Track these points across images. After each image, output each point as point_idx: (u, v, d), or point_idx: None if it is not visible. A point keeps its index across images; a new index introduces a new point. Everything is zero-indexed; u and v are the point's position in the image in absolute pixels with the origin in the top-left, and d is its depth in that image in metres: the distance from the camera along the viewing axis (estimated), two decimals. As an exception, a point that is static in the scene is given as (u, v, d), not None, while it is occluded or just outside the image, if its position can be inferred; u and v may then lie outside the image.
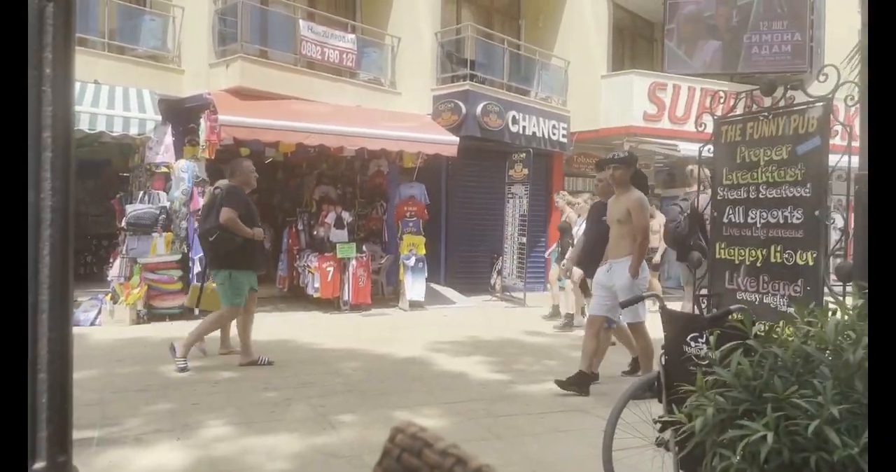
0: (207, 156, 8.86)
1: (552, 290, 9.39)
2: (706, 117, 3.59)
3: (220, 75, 9.58)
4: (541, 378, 5.46)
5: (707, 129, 3.58)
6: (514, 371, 5.81)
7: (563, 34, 13.74)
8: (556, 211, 10.31)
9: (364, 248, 10.22)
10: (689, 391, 2.00)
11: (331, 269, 9.42)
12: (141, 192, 8.91)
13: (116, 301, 8.04)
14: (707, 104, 12.43)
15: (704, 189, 5.13)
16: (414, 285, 10.01)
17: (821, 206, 2.92)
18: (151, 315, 8.25)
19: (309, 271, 9.72)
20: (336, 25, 10.98)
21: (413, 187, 10.42)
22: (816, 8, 13.14)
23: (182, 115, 9.45)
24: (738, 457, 1.68)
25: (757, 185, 3.21)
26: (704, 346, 2.42)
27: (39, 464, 1.07)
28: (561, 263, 8.35)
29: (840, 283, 2.82)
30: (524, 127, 11.96)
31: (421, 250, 10.12)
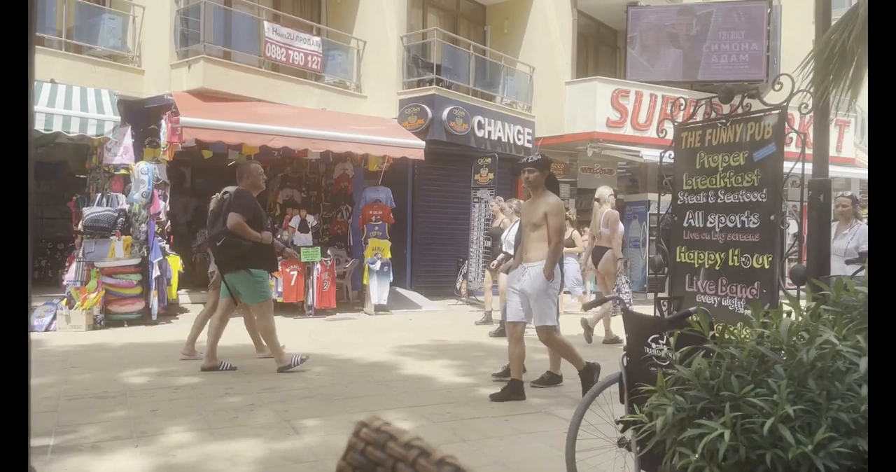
0: (168, 158, 8.71)
1: (486, 295, 9.34)
2: (667, 124, 3.66)
3: (182, 76, 9.43)
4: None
5: (668, 135, 3.65)
6: (479, 374, 5.82)
7: (528, 40, 13.88)
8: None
9: (329, 252, 10.16)
10: (650, 391, 2.04)
11: (294, 273, 9.33)
12: (99, 194, 8.72)
13: (72, 306, 7.84)
14: (668, 111, 12.68)
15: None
16: (379, 290, 9.97)
17: (776, 211, 3.00)
18: (109, 321, 8.07)
19: (272, 275, 9.61)
20: (301, 28, 10.91)
21: (379, 191, 10.38)
22: (773, 19, 13.55)
23: (142, 116, 9.28)
24: (697, 455, 1.72)
25: (716, 190, 3.28)
26: (665, 347, 2.46)
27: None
28: (490, 267, 8.38)
29: (794, 285, 2.91)
30: (490, 132, 12.05)
31: (386, 254, 10.09)
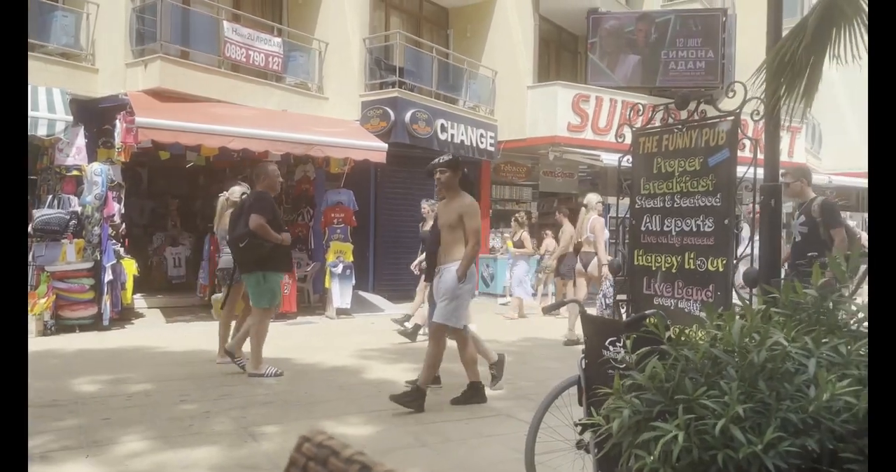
0: (123, 159, 8.50)
1: (417, 298, 9.10)
2: (625, 129, 3.71)
3: (138, 76, 9.21)
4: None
5: (626, 140, 3.71)
6: (441, 378, 5.80)
7: (491, 45, 13.96)
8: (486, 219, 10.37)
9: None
10: (607, 394, 2.05)
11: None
12: (50, 196, 8.45)
13: (21, 312, 7.57)
14: (627, 116, 12.87)
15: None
16: (341, 293, 9.89)
17: (730, 215, 3.07)
18: (60, 326, 7.82)
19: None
20: (262, 28, 10.77)
21: (341, 194, 10.29)
22: (728, 27, 13.89)
23: (96, 116, 9.04)
24: (653, 457, 1.73)
25: (672, 194, 3.34)
26: (622, 350, 2.49)
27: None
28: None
29: (746, 288, 2.97)
30: (452, 135, 12.06)
31: (348, 257, 10.00)
